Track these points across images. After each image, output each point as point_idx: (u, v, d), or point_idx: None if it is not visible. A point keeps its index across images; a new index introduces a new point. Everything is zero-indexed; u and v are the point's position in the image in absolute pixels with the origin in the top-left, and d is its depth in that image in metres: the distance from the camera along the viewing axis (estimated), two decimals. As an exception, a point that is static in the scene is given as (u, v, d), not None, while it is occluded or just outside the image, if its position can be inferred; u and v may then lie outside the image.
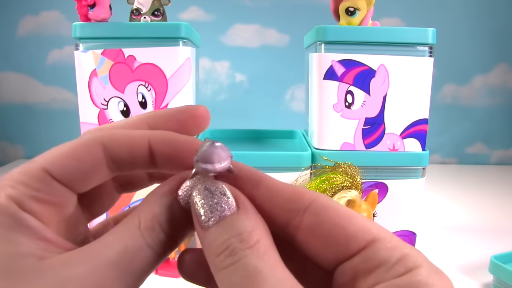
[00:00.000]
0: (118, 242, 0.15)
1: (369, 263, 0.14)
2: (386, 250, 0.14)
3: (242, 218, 0.15)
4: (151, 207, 0.16)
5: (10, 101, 1.12)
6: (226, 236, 0.14)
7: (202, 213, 0.15)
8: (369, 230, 0.15)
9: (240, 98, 1.13)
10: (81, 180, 0.16)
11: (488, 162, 1.18)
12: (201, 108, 0.19)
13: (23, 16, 1.07)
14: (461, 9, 1.09)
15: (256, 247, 0.14)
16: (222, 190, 0.15)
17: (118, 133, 0.17)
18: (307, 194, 0.16)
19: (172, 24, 0.51)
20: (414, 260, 0.14)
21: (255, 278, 0.13)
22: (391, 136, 0.54)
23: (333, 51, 0.52)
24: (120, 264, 0.15)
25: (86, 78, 0.52)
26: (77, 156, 0.16)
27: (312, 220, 0.15)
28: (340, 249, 0.15)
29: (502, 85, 1.14)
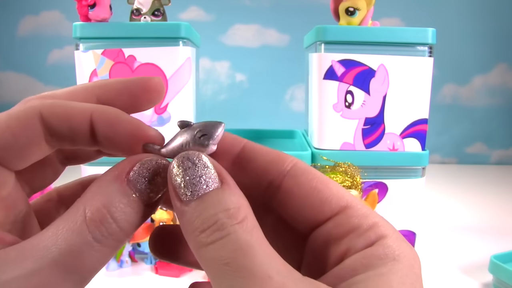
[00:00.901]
0: (61, 239, 0.13)
1: (341, 228, 0.14)
2: (358, 217, 0.14)
3: (228, 193, 0.14)
4: (99, 195, 0.14)
5: (10, 101, 1.12)
6: (212, 212, 0.13)
7: (182, 185, 0.14)
8: (343, 197, 0.15)
9: (240, 98, 1.13)
10: (18, 158, 0.15)
11: (488, 162, 1.18)
12: (155, 79, 0.17)
13: (23, 16, 1.07)
14: (461, 9, 1.09)
15: (244, 223, 0.13)
16: (205, 163, 0.14)
17: (58, 105, 0.15)
18: (289, 158, 0.16)
19: (172, 24, 0.51)
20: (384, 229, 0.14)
21: (248, 251, 0.13)
22: (391, 136, 0.54)
23: (333, 51, 0.52)
24: (64, 263, 0.13)
25: (86, 78, 0.52)
26: (12, 131, 0.14)
27: (291, 182, 0.16)
28: (315, 212, 0.15)
29: (502, 85, 1.14)
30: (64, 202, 0.20)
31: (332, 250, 0.15)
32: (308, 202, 0.15)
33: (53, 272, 0.13)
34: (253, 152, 0.17)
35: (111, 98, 0.17)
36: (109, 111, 0.16)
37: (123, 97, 0.17)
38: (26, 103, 0.15)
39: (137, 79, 0.17)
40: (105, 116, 0.15)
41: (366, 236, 0.14)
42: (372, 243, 0.14)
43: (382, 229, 0.14)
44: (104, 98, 0.17)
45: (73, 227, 0.13)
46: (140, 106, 0.17)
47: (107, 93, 0.17)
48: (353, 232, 0.14)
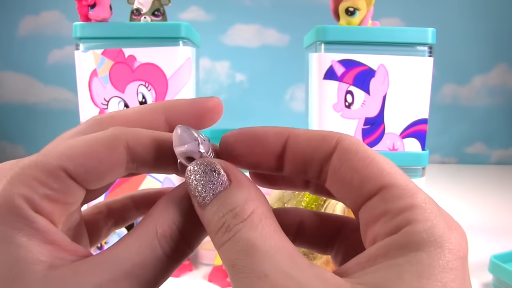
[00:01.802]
0: (134, 252, 0.14)
1: (375, 210, 0.14)
2: (393, 199, 0.13)
3: (234, 192, 0.14)
4: (169, 212, 0.15)
5: (10, 101, 1.12)
6: (221, 214, 0.14)
7: (196, 192, 0.15)
8: (382, 176, 0.14)
9: (240, 98, 1.13)
10: (97, 180, 0.15)
11: (488, 162, 1.18)
12: (215, 100, 0.18)
13: (23, 16, 1.07)
14: (461, 9, 1.09)
15: (250, 219, 0.14)
16: (212, 167, 0.15)
17: (144, 135, 0.16)
18: (333, 136, 0.16)
19: (172, 24, 0.51)
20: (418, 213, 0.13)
21: (249, 251, 0.13)
22: (391, 136, 0.54)
23: (333, 51, 0.52)
24: (136, 275, 0.14)
25: (86, 78, 0.52)
26: (99, 157, 0.15)
27: (335, 164, 0.15)
28: (355, 193, 0.15)
29: (502, 85, 1.14)
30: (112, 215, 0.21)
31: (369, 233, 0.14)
32: (349, 185, 0.15)
33: (126, 283, 0.14)
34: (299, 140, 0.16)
35: (178, 119, 0.18)
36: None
37: (188, 117, 0.18)
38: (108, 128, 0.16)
39: (200, 100, 0.18)
40: None
41: (394, 221, 0.13)
42: (398, 229, 0.13)
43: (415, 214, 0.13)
44: (171, 119, 0.18)
45: (145, 242, 0.14)
46: (203, 125, 0.18)
47: (174, 114, 0.18)
48: (384, 217, 0.13)
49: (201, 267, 0.56)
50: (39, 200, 0.14)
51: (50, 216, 0.14)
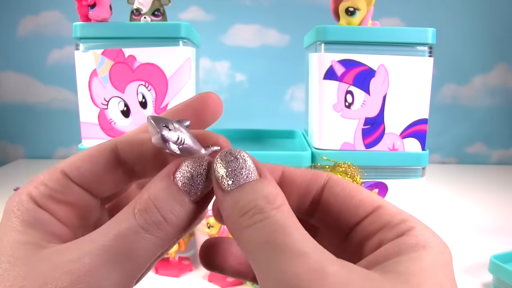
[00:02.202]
0: (112, 226, 0.15)
1: (374, 224, 0.16)
2: (389, 215, 0.16)
3: (266, 184, 0.16)
4: (148, 189, 0.16)
5: (10, 101, 1.12)
6: (252, 197, 0.15)
7: (224, 175, 0.16)
8: (374, 199, 0.17)
9: (240, 98, 1.13)
10: (97, 183, 0.17)
11: (488, 162, 1.18)
12: (211, 94, 0.19)
13: (23, 16, 1.07)
14: (461, 9, 1.09)
15: (281, 208, 0.15)
16: (244, 157, 0.16)
17: (130, 136, 0.18)
18: (323, 174, 0.18)
19: (172, 24, 0.51)
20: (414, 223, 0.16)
21: (286, 231, 0.14)
22: (391, 136, 0.54)
23: (333, 51, 0.52)
24: (114, 248, 0.15)
25: (86, 78, 0.52)
26: (92, 160, 0.17)
27: (328, 193, 0.18)
28: (351, 214, 0.17)
29: (502, 85, 1.14)
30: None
31: (368, 244, 0.16)
32: (345, 207, 0.17)
33: (103, 255, 0.14)
34: (293, 175, 0.18)
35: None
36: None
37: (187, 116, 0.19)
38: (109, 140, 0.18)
39: (195, 97, 0.19)
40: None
41: (397, 228, 0.15)
42: (402, 233, 0.15)
43: (411, 223, 0.15)
44: None
45: (123, 216, 0.15)
46: (205, 121, 0.19)
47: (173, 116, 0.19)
48: (385, 227, 0.16)
49: (201, 267, 0.56)
50: (44, 199, 0.16)
51: (56, 213, 0.16)
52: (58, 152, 1.14)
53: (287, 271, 0.13)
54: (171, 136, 0.16)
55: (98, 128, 0.54)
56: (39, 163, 1.08)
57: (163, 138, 0.16)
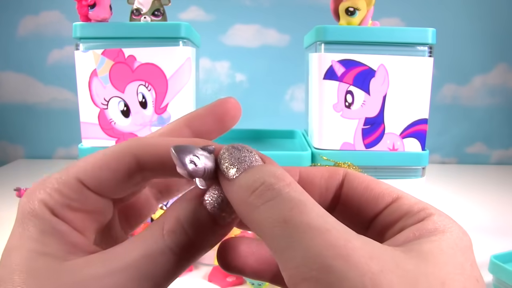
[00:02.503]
0: (139, 245, 0.15)
1: (395, 214, 0.16)
2: (409, 204, 0.16)
3: (271, 165, 0.15)
4: (176, 211, 0.16)
5: (10, 101, 1.12)
6: (258, 176, 0.15)
7: (230, 165, 0.15)
8: (393, 190, 0.17)
9: (240, 98, 1.12)
10: (114, 189, 0.17)
11: (488, 162, 1.18)
12: (231, 100, 0.19)
13: (23, 16, 1.07)
14: (461, 9, 1.09)
15: (293, 185, 0.14)
16: (248, 148, 0.16)
17: (148, 142, 0.17)
18: (340, 170, 0.18)
19: (172, 24, 0.51)
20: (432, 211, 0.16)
21: (303, 209, 0.13)
22: (391, 136, 0.54)
23: (333, 51, 0.52)
24: (140, 267, 0.15)
25: (86, 78, 0.52)
26: (109, 167, 0.16)
27: (347, 188, 0.18)
28: (372, 206, 0.17)
29: (502, 85, 1.14)
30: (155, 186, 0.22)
31: (388, 233, 0.16)
32: (364, 200, 0.17)
33: (128, 274, 0.14)
34: (311, 176, 0.18)
35: (200, 125, 0.19)
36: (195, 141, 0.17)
37: (209, 120, 0.19)
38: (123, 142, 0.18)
39: (216, 103, 0.19)
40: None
41: (417, 216, 0.16)
42: (422, 220, 0.15)
43: (429, 211, 0.16)
44: (194, 126, 0.19)
45: (151, 235, 0.15)
46: (226, 126, 0.20)
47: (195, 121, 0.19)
48: (405, 216, 0.16)
49: (201, 267, 0.56)
50: (59, 207, 0.16)
51: (72, 222, 0.16)
52: (58, 152, 1.14)
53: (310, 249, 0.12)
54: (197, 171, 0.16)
55: (98, 128, 0.54)
56: (39, 163, 1.08)
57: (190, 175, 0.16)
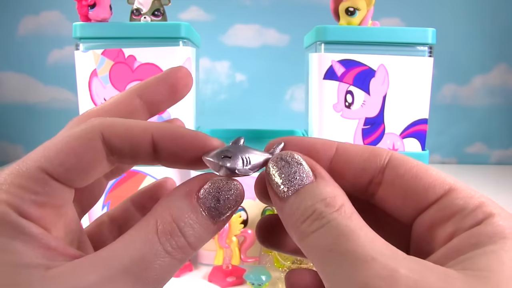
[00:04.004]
0: (132, 248, 0.14)
1: (446, 210, 0.14)
2: (463, 199, 0.14)
3: (322, 185, 0.15)
4: (170, 209, 0.15)
5: (10, 101, 1.12)
6: (310, 203, 0.14)
7: (280, 183, 0.15)
8: (445, 180, 0.15)
9: (240, 98, 1.13)
10: (81, 177, 0.15)
11: (488, 162, 1.18)
12: (182, 69, 0.19)
13: (23, 16, 1.07)
14: (461, 9, 1.09)
15: (342, 209, 0.14)
16: (298, 160, 0.15)
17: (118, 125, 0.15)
18: (384, 151, 0.16)
19: (172, 24, 0.51)
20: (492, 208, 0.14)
21: (349, 236, 0.13)
22: (391, 136, 0.54)
23: (333, 51, 0.52)
24: (134, 273, 0.14)
25: (86, 78, 0.52)
26: (76, 152, 0.15)
27: (391, 175, 0.16)
28: (419, 199, 0.15)
29: (502, 85, 1.14)
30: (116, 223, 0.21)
31: (438, 233, 0.14)
32: (411, 191, 0.15)
33: (125, 279, 0.13)
34: (347, 153, 0.17)
35: (152, 94, 0.18)
36: (170, 128, 0.16)
37: (161, 89, 0.18)
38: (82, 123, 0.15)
39: (167, 71, 0.19)
40: (167, 133, 0.16)
41: (472, 215, 0.14)
42: (479, 222, 0.13)
43: (489, 208, 0.14)
44: (146, 99, 0.18)
45: (144, 238, 0.14)
46: (178, 94, 0.19)
47: (148, 94, 0.18)
48: (459, 213, 0.14)
49: (201, 267, 0.56)
50: (27, 206, 0.14)
51: (41, 221, 0.14)
52: (58, 152, 1.14)
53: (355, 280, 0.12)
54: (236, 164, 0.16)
55: (98, 128, 0.54)
56: (39, 163, 1.08)
57: (229, 170, 0.15)
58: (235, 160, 0.16)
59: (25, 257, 0.13)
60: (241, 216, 0.55)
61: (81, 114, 0.18)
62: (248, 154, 0.16)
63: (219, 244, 0.54)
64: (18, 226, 0.13)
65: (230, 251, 0.54)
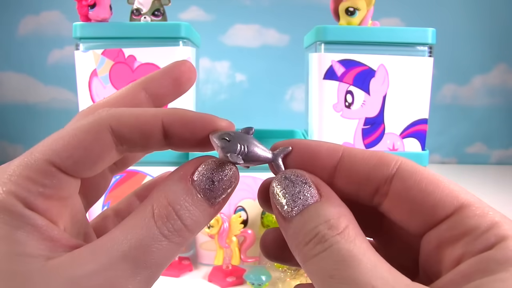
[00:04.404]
0: (130, 234, 0.14)
1: (456, 230, 0.13)
2: (475, 217, 0.13)
3: (327, 205, 0.14)
4: (165, 193, 0.15)
5: (10, 101, 1.12)
6: (313, 224, 0.14)
7: (284, 203, 0.15)
8: (457, 196, 0.14)
9: (240, 98, 1.13)
10: (89, 169, 0.15)
11: (488, 162, 1.18)
12: (186, 63, 0.19)
13: (24, 16, 1.07)
14: (461, 9, 1.09)
15: (345, 232, 0.13)
16: (303, 179, 0.15)
17: (127, 115, 0.15)
18: (393, 159, 0.15)
19: (172, 24, 0.51)
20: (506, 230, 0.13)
21: (351, 262, 0.13)
22: (391, 136, 0.54)
23: (333, 51, 0.52)
24: (133, 257, 0.14)
25: (86, 78, 0.52)
26: (85, 145, 0.15)
27: (399, 187, 0.15)
28: (427, 216, 0.14)
29: (501, 85, 1.14)
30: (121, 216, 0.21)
31: (447, 254, 0.14)
32: (419, 206, 0.14)
33: (124, 265, 0.13)
34: (354, 159, 0.16)
35: (157, 87, 0.18)
36: (179, 112, 0.16)
37: (165, 83, 0.18)
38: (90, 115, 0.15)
39: (172, 65, 0.19)
40: (177, 118, 0.16)
41: (484, 238, 0.13)
42: (491, 246, 0.12)
43: (503, 230, 0.13)
44: (151, 92, 0.18)
45: (141, 223, 0.14)
46: (181, 88, 0.19)
47: (152, 87, 0.18)
48: (469, 235, 0.13)
49: (201, 267, 0.56)
50: (33, 198, 0.14)
51: (47, 213, 0.14)
52: (58, 152, 1.14)
53: None
54: (232, 147, 0.15)
55: (98, 128, 0.54)
56: (39, 163, 1.08)
57: (223, 150, 0.15)
58: (231, 145, 0.16)
59: (27, 247, 0.13)
60: (241, 216, 0.55)
61: (88, 107, 0.18)
62: (248, 144, 0.16)
63: (219, 244, 0.54)
64: (23, 217, 0.13)
65: (230, 251, 0.54)
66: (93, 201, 0.19)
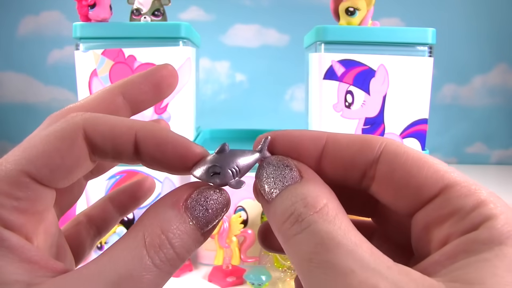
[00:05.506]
0: (119, 263, 0.13)
1: (442, 211, 0.13)
2: (460, 198, 0.13)
3: (306, 185, 0.14)
4: (159, 221, 0.14)
5: (10, 101, 1.12)
6: (289, 202, 0.14)
7: (266, 187, 0.15)
8: (442, 176, 0.14)
9: (240, 98, 1.13)
10: (65, 177, 0.14)
11: (488, 162, 1.18)
12: (168, 67, 0.18)
13: (24, 16, 1.07)
14: (460, 9, 1.09)
15: (324, 211, 0.13)
16: (285, 162, 0.15)
17: (102, 123, 0.15)
18: (376, 142, 0.15)
19: (172, 24, 0.51)
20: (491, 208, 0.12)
21: (330, 245, 0.12)
22: (391, 136, 0.54)
23: (333, 51, 0.52)
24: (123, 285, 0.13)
25: (86, 78, 0.52)
26: (60, 153, 0.14)
27: (385, 169, 0.15)
28: (413, 197, 0.14)
29: (501, 85, 1.14)
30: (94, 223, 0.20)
31: (434, 235, 0.13)
32: (405, 188, 0.14)
33: None
34: (338, 144, 0.16)
35: (135, 93, 0.18)
36: (154, 129, 0.15)
37: (145, 88, 0.18)
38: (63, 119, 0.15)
39: (152, 70, 0.18)
40: (151, 136, 0.15)
41: (469, 218, 0.12)
42: (476, 226, 0.12)
43: (488, 209, 0.12)
44: (129, 96, 0.17)
45: (132, 252, 0.13)
46: (161, 94, 0.18)
47: (131, 91, 0.17)
48: (455, 215, 0.13)
49: (201, 267, 0.56)
50: (8, 214, 0.13)
51: (23, 230, 0.13)
52: (58, 152, 1.14)
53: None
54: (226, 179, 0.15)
55: (98, 128, 0.54)
56: (39, 163, 1.08)
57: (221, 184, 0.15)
58: (224, 175, 0.15)
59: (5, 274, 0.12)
60: (241, 216, 0.55)
61: (60, 109, 0.17)
62: (236, 163, 0.16)
63: (219, 244, 0.54)
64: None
65: (230, 251, 0.54)
66: (66, 208, 0.18)
